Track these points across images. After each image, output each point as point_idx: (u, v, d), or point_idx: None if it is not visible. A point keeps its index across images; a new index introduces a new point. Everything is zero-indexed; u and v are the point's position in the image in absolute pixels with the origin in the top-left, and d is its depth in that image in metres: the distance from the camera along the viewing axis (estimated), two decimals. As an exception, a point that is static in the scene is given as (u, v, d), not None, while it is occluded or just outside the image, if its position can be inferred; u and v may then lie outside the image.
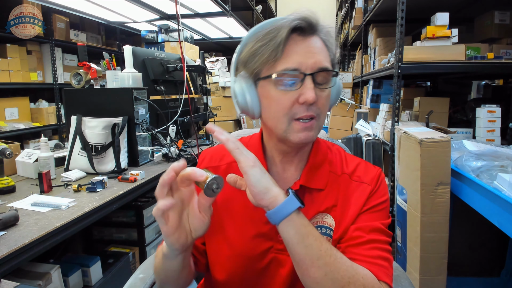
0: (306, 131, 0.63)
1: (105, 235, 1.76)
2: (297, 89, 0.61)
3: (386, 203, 0.70)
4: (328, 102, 0.66)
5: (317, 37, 0.64)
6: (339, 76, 0.69)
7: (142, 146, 1.78)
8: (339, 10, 6.16)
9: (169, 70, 2.29)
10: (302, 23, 0.61)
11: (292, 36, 0.61)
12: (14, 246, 0.92)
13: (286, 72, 0.61)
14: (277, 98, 0.62)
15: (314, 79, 0.61)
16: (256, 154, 0.70)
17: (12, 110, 3.25)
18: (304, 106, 0.61)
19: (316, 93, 0.61)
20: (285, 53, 0.61)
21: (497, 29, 2.24)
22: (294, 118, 0.62)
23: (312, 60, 0.61)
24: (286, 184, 0.71)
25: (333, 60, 0.66)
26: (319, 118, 0.64)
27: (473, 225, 1.79)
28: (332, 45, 0.66)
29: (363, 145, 2.54)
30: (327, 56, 0.64)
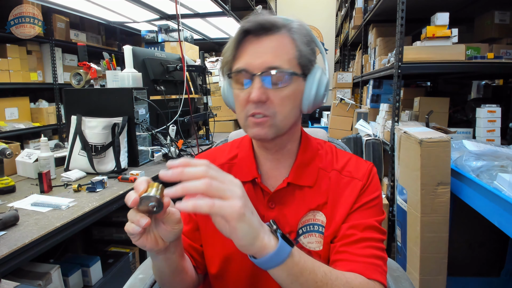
0: (257, 127, 0.65)
1: (105, 235, 1.76)
2: (249, 88, 0.64)
3: (378, 199, 0.70)
4: (290, 101, 0.65)
5: (276, 36, 0.64)
6: (318, 73, 0.67)
7: (142, 146, 1.78)
8: (339, 10, 6.16)
9: (169, 70, 2.29)
10: (251, 26, 0.64)
11: (249, 37, 0.65)
12: (14, 246, 0.92)
13: (237, 72, 0.65)
14: (236, 96, 0.67)
15: (265, 78, 0.63)
16: (247, 153, 0.74)
17: (12, 110, 3.25)
18: (254, 104, 0.63)
19: (270, 92, 0.63)
20: (238, 54, 0.65)
21: (497, 29, 2.24)
22: (247, 115, 0.65)
23: (260, 60, 0.63)
24: (275, 182, 0.72)
25: (300, 58, 0.65)
26: (275, 117, 0.64)
27: (473, 225, 1.79)
28: (301, 42, 0.65)
29: (363, 145, 2.54)
30: (285, 55, 0.64)
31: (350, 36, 4.52)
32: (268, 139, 0.67)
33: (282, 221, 0.69)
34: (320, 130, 1.06)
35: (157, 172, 1.70)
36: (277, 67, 0.63)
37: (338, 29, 6.45)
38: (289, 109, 0.66)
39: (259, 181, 0.71)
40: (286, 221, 0.69)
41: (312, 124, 5.01)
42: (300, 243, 0.69)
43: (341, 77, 4.14)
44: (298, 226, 0.69)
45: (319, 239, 0.68)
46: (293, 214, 0.69)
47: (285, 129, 0.67)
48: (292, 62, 0.64)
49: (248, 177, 0.72)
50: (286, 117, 0.66)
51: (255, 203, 0.69)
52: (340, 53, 5.84)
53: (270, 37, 0.64)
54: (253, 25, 0.63)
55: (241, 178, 0.71)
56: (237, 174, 0.72)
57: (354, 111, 3.55)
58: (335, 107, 3.80)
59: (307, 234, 0.69)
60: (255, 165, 0.73)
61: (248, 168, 0.72)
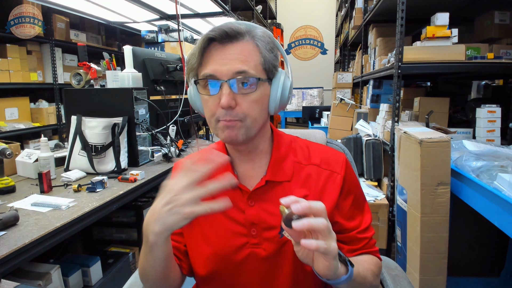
0: (228, 129, 0.67)
1: (105, 235, 1.76)
2: (218, 93, 0.65)
3: (357, 181, 0.80)
4: (258, 105, 0.68)
5: (241, 43, 0.66)
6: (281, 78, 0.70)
7: (142, 146, 1.78)
8: (339, 10, 6.15)
9: (169, 70, 2.29)
10: (215, 34, 0.65)
11: (213, 44, 0.66)
12: (14, 246, 0.92)
13: (205, 79, 0.66)
14: (205, 101, 0.69)
15: (232, 84, 0.65)
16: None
17: (12, 110, 3.25)
18: (224, 110, 0.65)
19: (238, 97, 0.65)
20: (204, 60, 0.67)
21: (497, 29, 2.24)
22: (218, 120, 0.67)
23: (227, 66, 0.64)
24: (253, 181, 0.74)
25: (265, 64, 0.67)
26: (245, 120, 0.66)
27: (473, 225, 1.79)
28: (265, 48, 0.68)
29: (363, 145, 2.54)
30: (251, 61, 0.66)
31: (350, 36, 4.52)
32: (239, 142, 0.68)
33: (265, 217, 0.71)
34: (319, 132, 1.06)
35: (158, 172, 1.71)
36: (244, 71, 0.65)
37: (338, 29, 6.45)
38: (258, 112, 0.68)
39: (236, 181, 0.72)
40: (269, 216, 0.71)
41: (312, 124, 5.01)
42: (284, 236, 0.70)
43: (341, 77, 4.14)
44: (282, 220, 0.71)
45: None
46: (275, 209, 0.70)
47: (254, 131, 0.69)
48: (258, 67, 0.67)
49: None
50: (255, 120, 0.68)
51: (235, 201, 0.72)
52: (340, 53, 5.84)
53: (235, 44, 0.66)
54: (218, 33, 0.65)
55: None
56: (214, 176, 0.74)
57: (354, 111, 3.54)
58: (335, 107, 3.80)
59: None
60: (230, 167, 0.75)
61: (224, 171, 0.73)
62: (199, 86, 0.69)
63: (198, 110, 0.74)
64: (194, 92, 0.72)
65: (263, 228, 0.71)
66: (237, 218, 0.72)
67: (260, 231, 0.71)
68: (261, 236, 0.71)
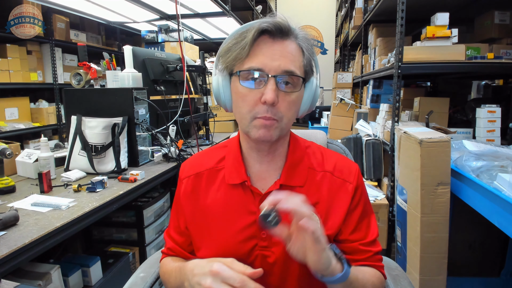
0: (265, 128, 0.65)
1: (105, 235, 1.76)
2: (261, 88, 0.64)
3: (367, 194, 0.79)
4: (294, 106, 0.67)
5: (289, 41, 0.65)
6: (314, 83, 0.70)
7: (142, 146, 1.78)
8: (339, 10, 6.15)
9: (169, 70, 2.28)
10: (270, 26, 0.63)
11: (263, 38, 0.64)
12: (14, 246, 0.92)
13: (251, 71, 0.64)
14: (243, 95, 0.66)
15: (278, 81, 0.63)
16: (235, 156, 0.75)
17: (12, 110, 3.25)
18: (265, 106, 0.64)
19: (280, 95, 0.64)
20: (252, 52, 0.64)
21: (497, 29, 2.24)
22: (256, 117, 0.65)
23: (277, 62, 0.63)
24: (265, 184, 0.73)
25: (306, 66, 0.67)
26: (281, 121, 0.66)
27: (473, 225, 1.79)
28: (307, 51, 0.67)
29: (363, 145, 2.54)
30: (297, 61, 0.65)
31: (350, 36, 4.52)
32: (272, 141, 0.68)
33: None
34: (319, 132, 1.06)
35: (158, 172, 1.71)
36: (292, 71, 0.64)
37: (338, 29, 6.45)
38: (293, 113, 0.68)
39: (249, 183, 0.72)
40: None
41: (312, 124, 5.01)
42: None
43: (341, 77, 4.14)
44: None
45: None
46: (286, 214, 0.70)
47: (285, 132, 0.69)
48: (301, 69, 0.66)
49: (237, 180, 0.73)
50: (290, 121, 0.68)
51: (245, 203, 0.72)
52: (340, 53, 5.84)
53: (285, 41, 0.65)
54: (272, 26, 0.64)
55: (230, 181, 0.73)
56: (226, 177, 0.74)
57: (354, 111, 3.54)
58: (335, 107, 3.80)
59: None
60: (244, 168, 0.74)
61: (237, 171, 0.73)
62: (238, 78, 0.66)
63: (224, 104, 0.71)
64: (223, 83, 0.69)
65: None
66: (247, 221, 0.71)
67: (270, 234, 0.70)
68: (270, 239, 0.70)
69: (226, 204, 0.73)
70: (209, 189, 0.76)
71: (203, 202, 0.75)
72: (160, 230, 1.86)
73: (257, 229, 0.71)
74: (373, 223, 0.77)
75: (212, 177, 0.76)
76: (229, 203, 0.73)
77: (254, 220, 0.71)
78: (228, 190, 0.74)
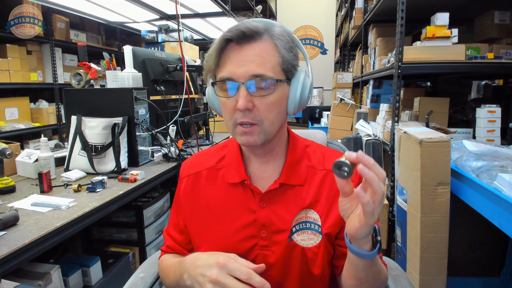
0: (246, 135, 0.66)
1: (105, 235, 1.76)
2: (235, 96, 0.64)
3: None
4: (276, 107, 0.66)
5: (258, 43, 0.64)
6: (301, 76, 0.68)
7: (142, 146, 1.78)
8: (339, 10, 6.15)
9: (169, 70, 2.28)
10: (232, 35, 0.64)
11: (230, 45, 0.65)
12: (14, 246, 0.92)
13: (221, 81, 0.66)
14: (223, 103, 0.68)
15: (249, 86, 0.63)
16: (234, 156, 0.75)
17: (12, 110, 3.25)
18: (241, 112, 0.64)
19: (255, 100, 0.64)
20: (222, 62, 0.66)
21: (497, 29, 2.24)
22: (236, 123, 0.66)
23: (243, 69, 0.63)
24: (265, 183, 0.73)
25: (283, 64, 0.66)
26: (262, 124, 0.66)
27: (473, 225, 1.79)
28: (284, 48, 0.66)
29: (363, 145, 2.54)
30: (267, 62, 0.64)
31: (350, 36, 4.52)
32: (257, 146, 0.68)
33: (275, 220, 0.71)
34: (319, 132, 1.06)
35: (158, 172, 1.71)
36: (261, 75, 0.63)
37: (338, 29, 6.45)
38: (275, 114, 0.67)
39: (249, 182, 0.72)
40: (279, 220, 0.71)
41: (312, 124, 5.01)
42: (294, 241, 0.70)
43: (341, 77, 4.14)
44: (292, 224, 0.71)
45: (312, 236, 0.71)
46: (286, 212, 0.71)
47: (272, 134, 0.69)
48: (276, 68, 0.65)
49: (237, 179, 0.73)
50: (273, 123, 0.67)
51: (245, 202, 0.72)
52: (340, 53, 5.84)
53: (253, 44, 0.64)
54: (235, 34, 0.63)
55: (230, 180, 0.74)
56: (226, 176, 0.74)
57: (354, 111, 3.55)
58: (335, 107, 3.80)
59: (300, 231, 0.71)
60: (243, 167, 0.74)
61: (237, 171, 0.73)
62: (216, 88, 0.68)
63: (217, 111, 0.74)
64: (212, 93, 0.72)
65: (273, 231, 0.70)
66: (247, 220, 0.71)
67: (270, 233, 0.70)
68: (270, 238, 0.70)
69: (226, 203, 0.73)
70: (209, 188, 0.76)
71: (203, 201, 0.76)
72: (160, 230, 1.85)
73: (257, 228, 0.71)
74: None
75: (212, 176, 0.77)
76: (229, 202, 0.73)
77: (254, 219, 0.71)
78: (228, 189, 0.74)
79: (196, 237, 0.77)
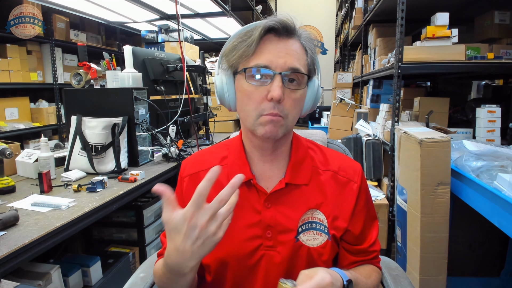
0: (271, 124, 0.65)
1: (105, 235, 1.76)
2: (267, 85, 0.64)
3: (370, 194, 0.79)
4: (299, 104, 0.68)
5: (293, 40, 0.66)
6: (316, 82, 0.71)
7: (142, 146, 1.78)
8: (339, 10, 6.15)
9: (169, 70, 2.28)
10: (276, 25, 0.64)
11: (269, 36, 0.65)
12: (14, 246, 0.92)
13: (257, 68, 0.65)
14: (249, 92, 0.66)
15: (284, 78, 0.64)
16: (238, 155, 0.75)
17: (12, 110, 3.25)
18: (272, 103, 0.64)
19: (285, 93, 0.65)
20: (259, 50, 0.65)
21: (497, 29, 2.24)
22: (262, 114, 0.65)
23: (283, 60, 0.64)
24: (269, 183, 0.73)
25: (310, 65, 0.68)
26: (287, 118, 0.66)
27: (473, 225, 1.79)
28: (310, 50, 0.68)
29: (363, 145, 2.54)
30: (301, 59, 0.66)
31: (350, 36, 4.52)
32: (277, 138, 0.68)
33: (281, 220, 0.70)
34: (319, 132, 1.05)
35: (158, 172, 1.71)
36: (298, 69, 0.65)
37: (338, 29, 6.45)
38: (297, 111, 0.68)
39: (254, 182, 0.72)
40: (285, 220, 0.70)
41: (312, 124, 5.01)
42: (300, 241, 0.70)
43: (341, 77, 4.14)
44: (298, 224, 0.70)
45: (318, 236, 0.71)
46: (293, 212, 0.71)
47: (289, 131, 0.70)
48: (305, 67, 0.67)
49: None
50: (294, 119, 0.68)
51: (250, 202, 0.71)
52: (340, 53, 5.84)
53: (290, 40, 0.66)
54: (278, 24, 0.64)
55: None
56: (230, 175, 0.73)
57: (354, 111, 3.54)
58: (335, 107, 3.80)
59: (306, 232, 0.71)
60: (248, 166, 0.73)
61: (242, 170, 0.73)
62: (244, 75, 0.66)
63: (226, 102, 0.72)
64: (227, 82, 0.69)
65: (278, 231, 0.70)
66: (252, 220, 0.71)
67: (276, 234, 0.70)
68: (276, 239, 0.70)
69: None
70: (212, 188, 0.75)
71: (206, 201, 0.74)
72: (160, 230, 1.86)
73: (262, 228, 0.70)
74: (376, 223, 0.78)
75: None
76: None
77: (259, 219, 0.70)
78: None
79: None
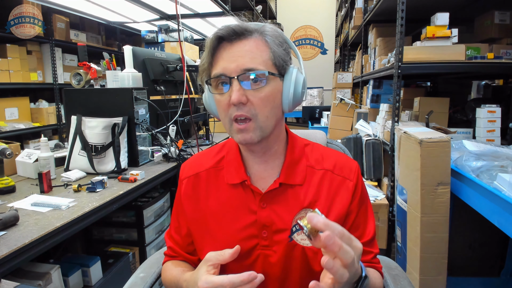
0: (242, 133, 0.67)
1: (105, 235, 1.76)
2: (229, 91, 0.66)
3: (367, 192, 0.79)
4: (270, 102, 0.67)
5: (247, 40, 0.66)
6: (294, 72, 0.69)
7: (142, 146, 1.78)
8: (339, 10, 6.15)
9: (169, 70, 2.28)
10: (222, 32, 0.66)
11: (223, 44, 0.67)
12: (14, 246, 0.92)
13: (214, 78, 0.67)
14: (217, 101, 0.69)
15: (243, 81, 0.65)
16: (234, 156, 0.76)
17: (12, 110, 3.25)
18: (235, 107, 0.65)
19: (250, 94, 0.65)
20: (215, 60, 0.68)
21: (497, 29, 2.24)
22: (231, 119, 0.67)
23: (235, 64, 0.65)
24: (265, 183, 0.73)
25: (275, 59, 0.67)
26: (256, 119, 0.66)
27: (473, 225, 1.79)
28: (274, 44, 0.68)
29: (363, 145, 2.54)
30: (258, 57, 0.66)
31: (350, 36, 4.52)
32: (254, 143, 0.68)
33: (276, 220, 0.71)
34: (319, 132, 1.06)
35: (158, 172, 1.71)
36: (252, 68, 0.65)
37: (338, 29, 6.45)
38: (269, 109, 0.67)
39: (249, 183, 0.72)
40: (279, 219, 0.71)
41: (312, 124, 5.01)
42: (294, 240, 0.71)
43: (341, 77, 4.14)
44: (292, 224, 0.71)
45: None
46: (286, 212, 0.71)
47: (268, 130, 0.69)
48: (267, 63, 0.67)
49: (237, 180, 0.73)
50: (267, 118, 0.67)
51: (246, 203, 0.72)
52: (340, 53, 5.84)
53: (243, 41, 0.66)
54: (226, 32, 0.66)
55: (231, 181, 0.74)
56: (226, 177, 0.75)
57: (354, 111, 3.54)
58: (335, 107, 3.80)
59: (300, 231, 0.71)
60: (243, 167, 0.74)
61: (237, 171, 0.74)
62: (211, 87, 0.69)
63: (214, 114, 0.74)
64: (208, 95, 0.72)
65: (274, 231, 0.71)
66: (248, 220, 0.72)
67: (271, 233, 0.71)
68: (271, 238, 0.71)
69: (226, 204, 0.74)
70: (209, 190, 0.76)
71: (203, 202, 0.76)
72: (160, 230, 1.86)
73: (258, 228, 0.71)
74: (372, 221, 0.77)
75: (212, 177, 0.77)
76: (229, 203, 0.73)
77: (254, 219, 0.71)
78: (228, 190, 0.74)
79: (198, 239, 0.77)
